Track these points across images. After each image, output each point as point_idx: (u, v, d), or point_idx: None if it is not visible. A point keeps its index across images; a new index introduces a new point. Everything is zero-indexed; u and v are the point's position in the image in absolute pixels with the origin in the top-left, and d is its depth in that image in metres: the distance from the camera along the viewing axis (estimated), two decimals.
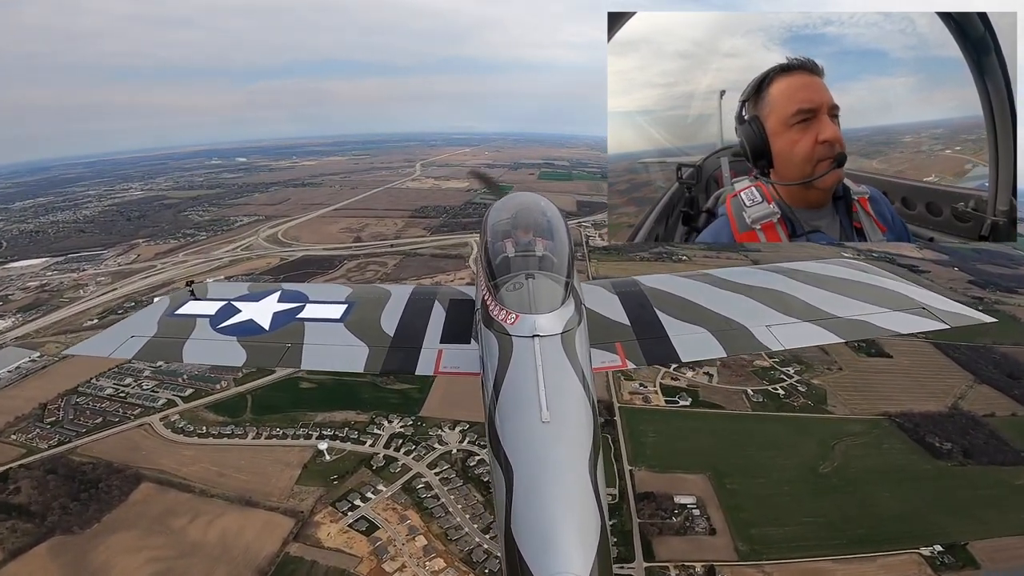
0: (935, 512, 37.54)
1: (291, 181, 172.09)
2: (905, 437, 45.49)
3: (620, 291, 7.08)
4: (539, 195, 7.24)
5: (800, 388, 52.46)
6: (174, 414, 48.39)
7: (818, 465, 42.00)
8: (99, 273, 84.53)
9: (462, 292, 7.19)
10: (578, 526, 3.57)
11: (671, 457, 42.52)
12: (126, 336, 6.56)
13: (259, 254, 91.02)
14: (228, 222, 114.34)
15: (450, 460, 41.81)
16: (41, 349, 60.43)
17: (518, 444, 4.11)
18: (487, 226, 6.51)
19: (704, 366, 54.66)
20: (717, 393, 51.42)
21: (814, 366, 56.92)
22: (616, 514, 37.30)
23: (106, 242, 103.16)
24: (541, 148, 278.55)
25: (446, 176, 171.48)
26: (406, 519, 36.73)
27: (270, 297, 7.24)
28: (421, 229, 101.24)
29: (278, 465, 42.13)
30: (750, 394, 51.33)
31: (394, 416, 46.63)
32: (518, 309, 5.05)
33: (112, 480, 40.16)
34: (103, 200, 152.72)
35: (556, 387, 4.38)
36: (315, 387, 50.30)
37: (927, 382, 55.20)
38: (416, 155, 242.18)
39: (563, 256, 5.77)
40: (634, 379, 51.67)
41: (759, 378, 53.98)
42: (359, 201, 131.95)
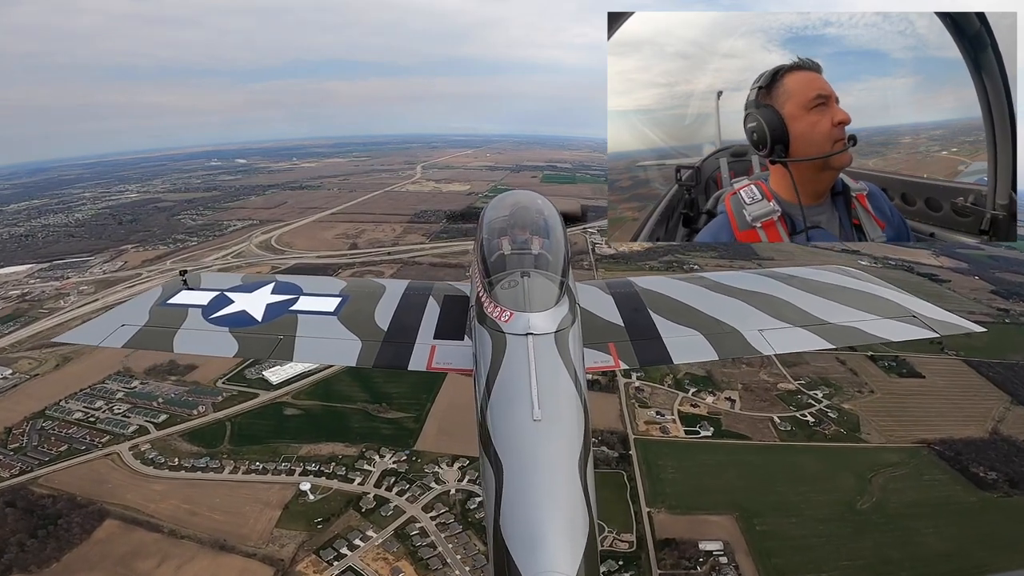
0: (983, 548, 34.76)
1: (289, 183, 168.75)
2: (946, 466, 42.31)
3: (614, 292, 7.07)
4: (536, 193, 7.23)
5: (830, 414, 48.55)
6: (145, 443, 44.37)
7: (855, 501, 38.77)
8: (83, 281, 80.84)
9: (457, 288, 7.15)
10: (567, 525, 3.54)
11: (694, 496, 38.66)
12: (116, 324, 6.49)
13: (249, 262, 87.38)
14: (221, 227, 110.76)
15: (448, 502, 37.52)
16: (13, 366, 56.68)
17: (509, 442, 4.06)
18: (483, 223, 6.52)
19: (725, 390, 50.54)
20: (741, 421, 47.24)
21: (843, 389, 53.05)
22: (634, 565, 33.59)
23: (94, 247, 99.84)
24: (543, 150, 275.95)
25: (447, 179, 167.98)
26: (399, 571, 32.74)
27: (263, 288, 7.16)
28: (420, 235, 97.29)
29: (256, 504, 38.08)
30: (777, 422, 47.30)
31: (386, 449, 42.40)
32: (512, 307, 5.00)
33: (74, 515, 36.93)
34: (97, 203, 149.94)
35: (548, 386, 4.32)
36: (301, 414, 46.20)
37: (963, 404, 51.85)
38: (417, 157, 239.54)
39: (559, 255, 5.80)
40: (650, 406, 47.38)
41: (785, 403, 49.97)
42: (357, 205, 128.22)
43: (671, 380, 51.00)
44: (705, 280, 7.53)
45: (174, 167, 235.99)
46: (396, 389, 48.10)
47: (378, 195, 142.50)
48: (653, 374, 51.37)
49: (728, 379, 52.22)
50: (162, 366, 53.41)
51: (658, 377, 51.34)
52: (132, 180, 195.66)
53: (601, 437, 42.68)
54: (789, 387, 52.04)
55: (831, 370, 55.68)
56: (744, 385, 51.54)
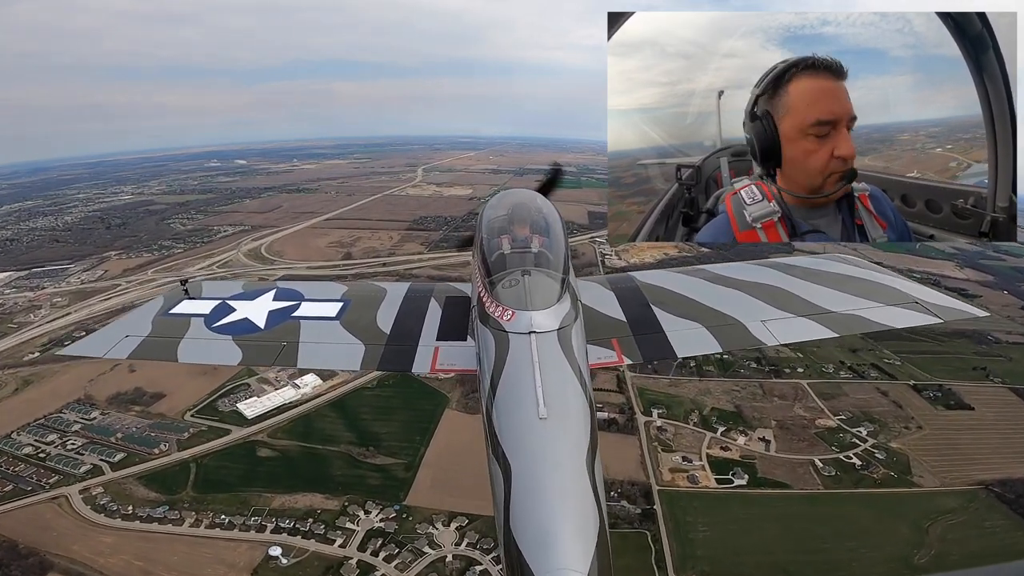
0: None
1: (286, 186, 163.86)
2: (1007, 511, 37.88)
3: (616, 287, 6.99)
4: (535, 192, 7.18)
5: (877, 454, 43.11)
6: (97, 485, 39.08)
7: (912, 555, 34.39)
8: (58, 292, 75.75)
9: (458, 289, 7.12)
10: (577, 522, 3.52)
11: (730, 559, 33.43)
12: (120, 336, 6.48)
13: (236, 272, 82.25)
14: (210, 232, 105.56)
15: (443, 573, 31.86)
16: None
17: (516, 441, 4.03)
18: (483, 222, 6.42)
19: (757, 428, 44.93)
20: (778, 465, 41.67)
21: (889, 424, 47.70)
22: None
23: (77, 254, 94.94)
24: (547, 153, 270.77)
25: (448, 182, 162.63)
26: None
27: (265, 296, 7.12)
28: (418, 244, 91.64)
29: (220, 567, 32.81)
30: (819, 465, 41.67)
31: (373, 504, 36.63)
32: (514, 306, 4.98)
33: (13, 567, 32.68)
34: (89, 205, 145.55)
35: (553, 384, 4.30)
36: (276, 456, 40.59)
37: (1018, 439, 46.54)
38: (419, 159, 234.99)
39: (559, 253, 5.74)
40: (674, 450, 41.72)
41: (826, 442, 44.48)
42: (354, 210, 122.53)
43: (696, 417, 45.39)
44: (706, 272, 7.40)
45: (174, 168, 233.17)
46: (385, 428, 42.70)
47: (376, 199, 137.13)
48: (676, 411, 45.86)
49: (759, 415, 46.62)
50: (126, 394, 48.13)
51: (682, 415, 45.78)
52: (129, 181, 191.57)
53: (620, 490, 37.21)
54: (829, 423, 46.49)
55: (873, 403, 50.32)
56: (778, 422, 45.94)
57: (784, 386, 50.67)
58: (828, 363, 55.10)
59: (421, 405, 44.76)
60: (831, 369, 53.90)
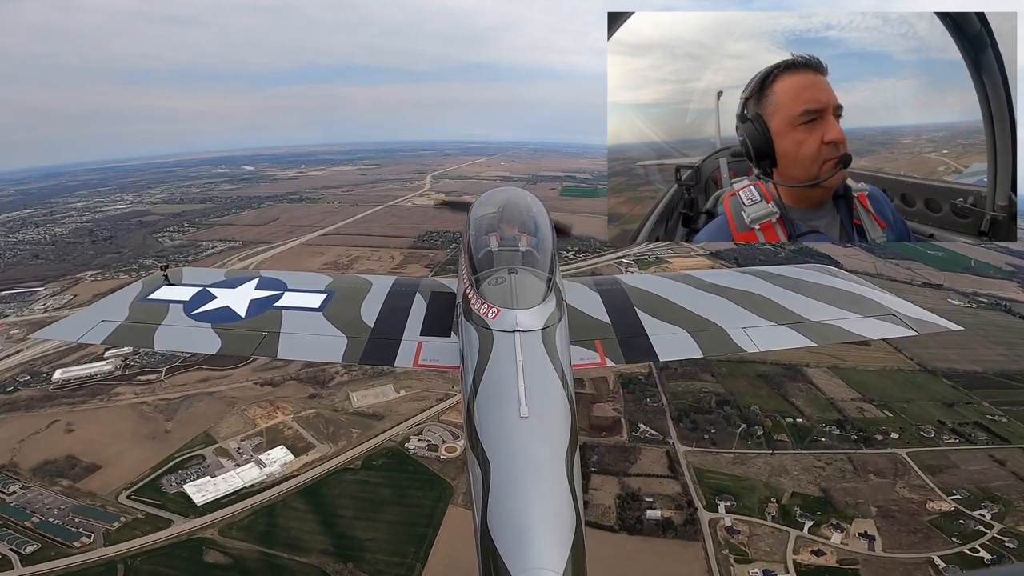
0: None
1: (289, 195, 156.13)
2: None
3: (601, 289, 6.99)
4: (525, 191, 7.13)
5: (1008, 543, 33.48)
6: None
7: None
8: (18, 322, 67.53)
9: (444, 285, 7.02)
10: (554, 522, 3.51)
11: None
12: (96, 320, 6.34)
13: None
14: (198, 248, 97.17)
15: None
16: None
17: (496, 439, 4.02)
18: (471, 219, 6.42)
19: (854, 519, 34.58)
20: (890, 570, 31.69)
21: (1014, 503, 37.26)
22: None
23: (52, 273, 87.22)
24: (560, 159, 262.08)
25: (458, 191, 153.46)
26: None
27: (247, 284, 6.98)
28: (422, 266, 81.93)
29: None
30: (941, 566, 31.71)
31: None
32: (499, 304, 4.97)
33: None
34: (83, 215, 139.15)
35: (535, 383, 4.28)
36: (227, 564, 30.94)
37: None
38: (428, 165, 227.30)
39: (546, 252, 5.77)
40: (751, 559, 31.42)
41: (944, 533, 34.54)
42: (355, 223, 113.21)
43: (775, 510, 34.91)
44: (691, 278, 7.39)
45: (181, 174, 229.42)
46: (370, 532, 32.56)
47: (381, 210, 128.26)
48: (748, 501, 35.41)
49: (854, 499, 36.24)
50: (55, 463, 39.05)
51: (756, 506, 35.41)
52: (133, 188, 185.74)
53: None
54: (943, 506, 36.28)
55: (990, 476, 39.88)
56: (880, 509, 35.55)
57: (879, 458, 40.22)
58: (924, 423, 44.52)
59: (417, 498, 34.79)
60: (931, 432, 43.32)
